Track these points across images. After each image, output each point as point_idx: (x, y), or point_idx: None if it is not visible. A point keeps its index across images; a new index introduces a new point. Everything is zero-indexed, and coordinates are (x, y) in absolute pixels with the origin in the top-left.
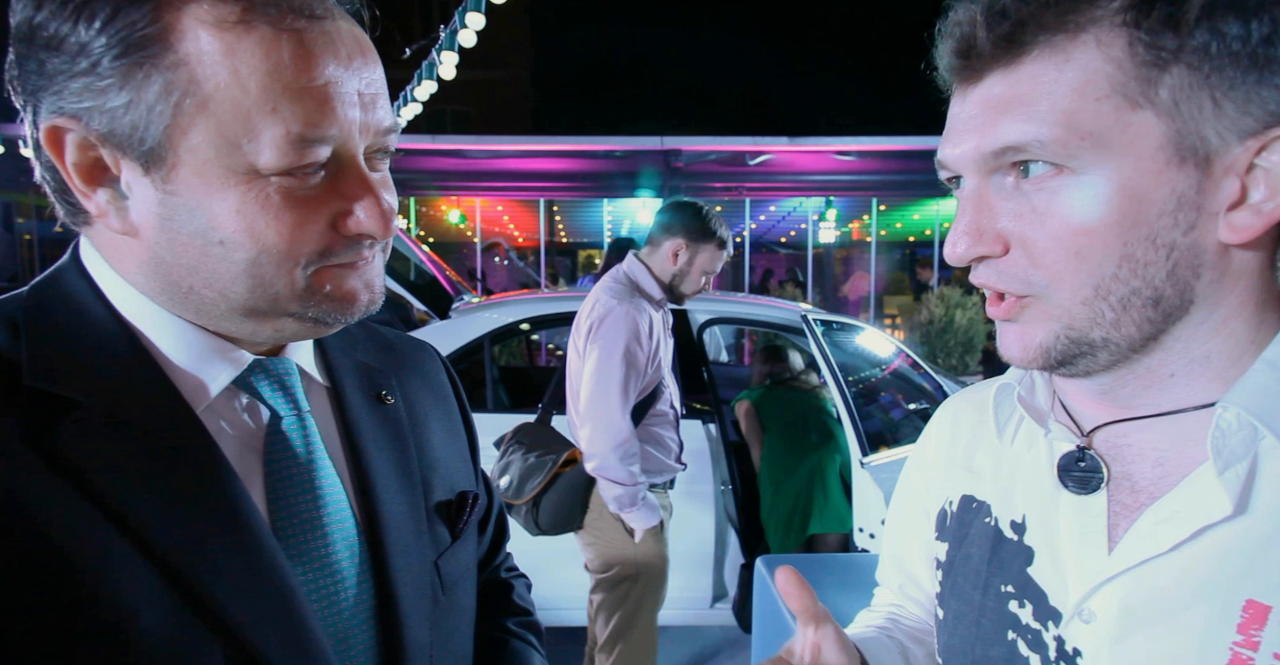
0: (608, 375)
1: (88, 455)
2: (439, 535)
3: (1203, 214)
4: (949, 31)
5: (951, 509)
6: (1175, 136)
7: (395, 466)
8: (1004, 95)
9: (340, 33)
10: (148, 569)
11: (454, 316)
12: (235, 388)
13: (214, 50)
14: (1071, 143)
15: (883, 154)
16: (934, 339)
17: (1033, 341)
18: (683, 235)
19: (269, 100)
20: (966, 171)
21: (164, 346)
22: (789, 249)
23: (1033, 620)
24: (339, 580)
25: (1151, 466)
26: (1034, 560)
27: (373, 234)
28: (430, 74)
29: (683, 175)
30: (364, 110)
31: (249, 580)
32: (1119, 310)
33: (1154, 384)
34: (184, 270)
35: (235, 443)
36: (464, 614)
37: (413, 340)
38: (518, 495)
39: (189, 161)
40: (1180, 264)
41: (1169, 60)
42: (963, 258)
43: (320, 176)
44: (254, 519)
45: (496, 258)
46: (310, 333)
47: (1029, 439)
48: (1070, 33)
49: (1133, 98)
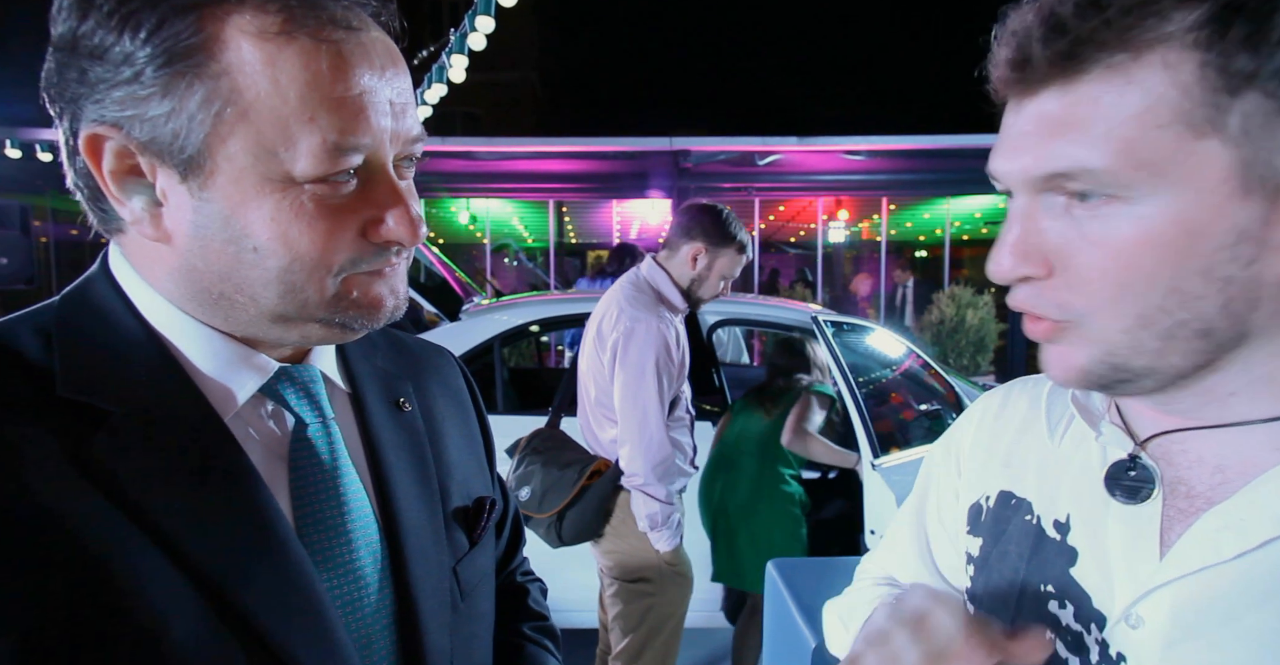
0: (644, 394)
1: (120, 465)
2: (457, 541)
3: (1266, 248)
4: (1004, 41)
5: (988, 504)
6: (1242, 167)
7: (414, 473)
8: (1059, 115)
9: (374, 43)
10: (180, 577)
11: (464, 318)
12: (261, 395)
13: (255, 60)
14: (1125, 173)
15: (892, 153)
16: (945, 339)
17: (1074, 363)
18: (702, 239)
19: (307, 109)
20: (1016, 188)
21: (192, 355)
22: (798, 249)
23: (1074, 622)
24: (362, 586)
25: (1210, 473)
26: (1078, 561)
27: (402, 241)
28: (440, 77)
29: (691, 176)
30: (395, 119)
31: (277, 587)
32: (1163, 340)
33: (1213, 401)
34: (216, 277)
35: (261, 449)
36: (482, 619)
37: (430, 345)
38: (540, 509)
39: (226, 169)
40: (1235, 298)
41: (1243, 85)
42: (1007, 277)
43: (352, 185)
44: (281, 526)
45: (506, 259)
46: (336, 337)
47: (1078, 439)
48: (1134, 52)
49: (1197, 126)
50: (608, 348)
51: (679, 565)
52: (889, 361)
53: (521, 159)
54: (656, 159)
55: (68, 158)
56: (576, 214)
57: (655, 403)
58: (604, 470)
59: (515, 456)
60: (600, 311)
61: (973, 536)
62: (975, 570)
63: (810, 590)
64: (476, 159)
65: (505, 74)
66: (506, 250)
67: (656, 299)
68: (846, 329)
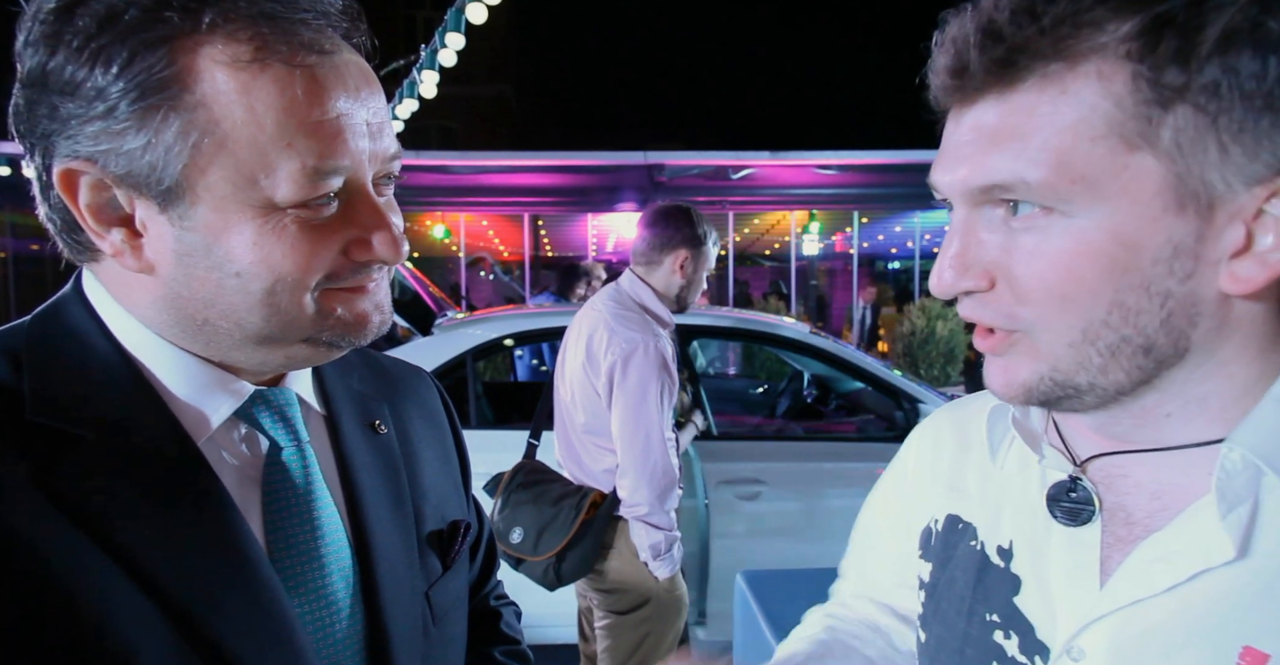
0: (646, 419)
1: (90, 491)
2: (430, 565)
3: (1201, 263)
4: (943, 48)
5: (937, 528)
6: (1175, 181)
7: (388, 497)
8: (996, 125)
9: (348, 65)
10: (149, 605)
11: (437, 333)
12: (236, 419)
13: (230, 89)
14: (1061, 186)
15: (864, 168)
16: (916, 350)
17: (1015, 379)
18: (685, 245)
19: (285, 136)
20: (955, 200)
21: (166, 379)
22: (772, 262)
23: (1019, 653)
24: (334, 611)
25: (1149, 499)
26: (1021, 589)
27: (386, 260)
28: (411, 92)
29: (666, 189)
30: (372, 139)
31: (248, 614)
32: (1107, 356)
33: (1150, 423)
34: (200, 303)
35: (235, 473)
36: (454, 644)
37: (407, 365)
38: (537, 550)
39: (206, 198)
40: (1175, 313)
41: (1174, 98)
42: (948, 291)
43: (334, 207)
44: (254, 552)
45: (482, 272)
46: (322, 357)
47: (1021, 462)
48: (1069, 62)
49: (1131, 139)
50: (603, 373)
51: (676, 590)
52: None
53: (497, 173)
54: (631, 173)
55: (40, 191)
56: (552, 227)
57: (658, 428)
58: (600, 503)
59: (499, 495)
60: (583, 332)
61: (924, 561)
62: (926, 596)
63: (778, 601)
64: (452, 173)
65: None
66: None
67: (645, 315)
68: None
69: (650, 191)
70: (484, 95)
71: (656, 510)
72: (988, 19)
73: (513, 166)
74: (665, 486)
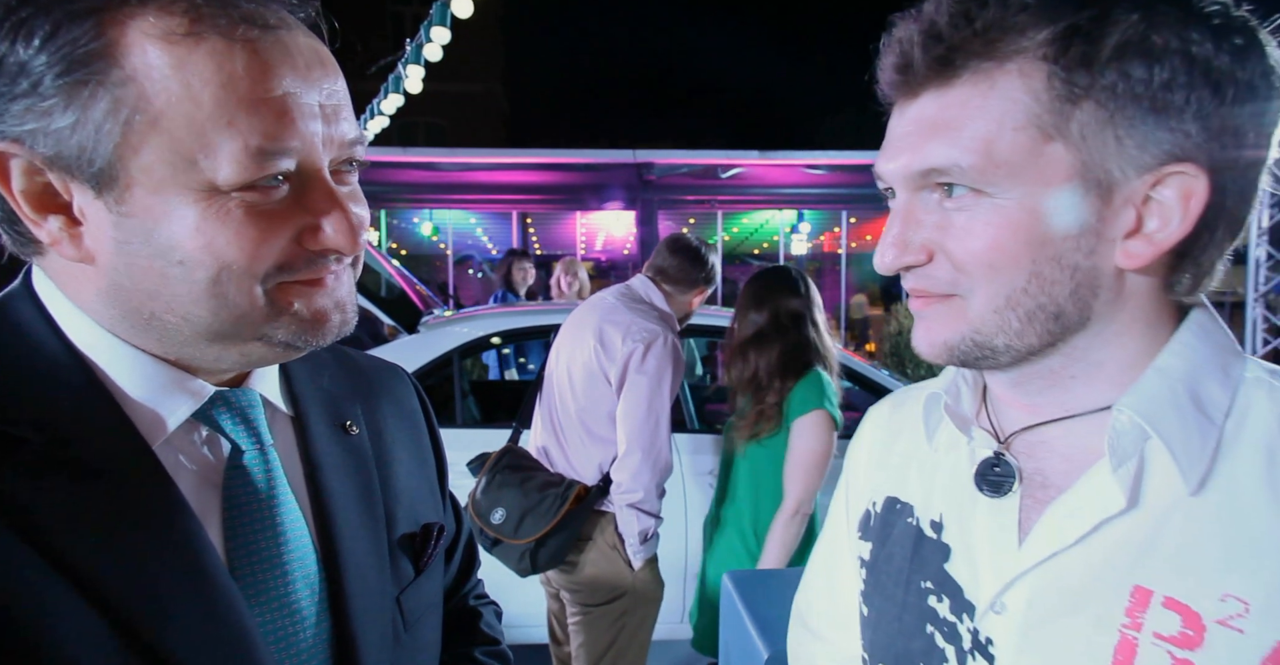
0: (659, 406)
1: (32, 496)
2: (402, 570)
3: (1102, 240)
4: (890, 47)
5: (875, 510)
6: (1082, 167)
7: (358, 500)
8: (934, 117)
9: (296, 43)
10: (94, 617)
11: (423, 331)
12: (195, 421)
13: (163, 64)
14: (989, 170)
15: (852, 168)
16: (903, 350)
17: (938, 339)
18: (705, 283)
19: (224, 114)
20: (898, 186)
21: (119, 379)
22: (761, 261)
23: (949, 614)
24: (297, 620)
25: (1061, 461)
26: (950, 557)
27: (340, 249)
28: (396, 88)
29: (655, 188)
30: (326, 122)
31: (202, 625)
32: (1024, 322)
33: (1057, 384)
34: (144, 295)
35: (193, 478)
36: (428, 650)
37: (383, 363)
38: (517, 534)
39: (143, 181)
40: (1081, 284)
41: (1081, 96)
42: (890, 267)
43: (284, 190)
44: (209, 560)
45: (469, 270)
46: (279, 357)
47: (951, 444)
48: (997, 61)
49: (1046, 130)
50: (619, 360)
51: (653, 582)
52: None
53: (485, 170)
54: (620, 171)
55: None
56: (541, 225)
57: (667, 416)
58: (584, 496)
59: (484, 473)
60: (589, 322)
61: (863, 541)
62: (867, 573)
63: (765, 602)
64: (440, 170)
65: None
66: (470, 262)
67: (660, 314)
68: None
69: (639, 190)
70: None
71: (651, 497)
72: (929, 22)
73: (501, 164)
74: (664, 474)
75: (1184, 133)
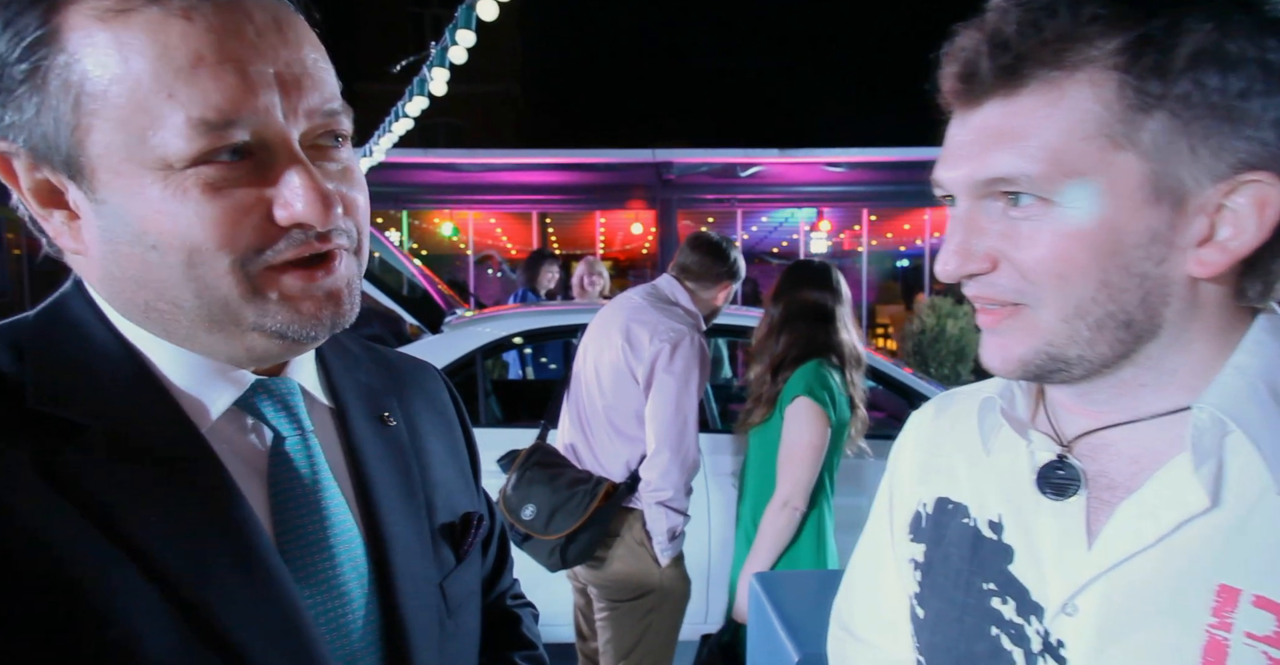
0: (687, 404)
1: (93, 479)
2: (443, 557)
3: (1174, 249)
4: (953, 55)
5: (926, 511)
6: (1154, 177)
7: (399, 488)
8: (999, 126)
9: (247, 11)
10: (154, 593)
11: (446, 330)
12: (237, 409)
13: (101, 42)
14: (1057, 179)
15: (873, 165)
16: (926, 349)
17: (1012, 354)
18: (729, 278)
19: (163, 86)
20: (959, 194)
21: (166, 369)
22: (781, 259)
23: (1015, 616)
24: (346, 602)
25: (1127, 463)
26: (1014, 558)
27: (305, 220)
28: (421, 90)
29: (674, 187)
30: (286, 92)
31: (255, 603)
32: (1094, 331)
33: (1127, 393)
34: (133, 284)
35: (239, 464)
36: (469, 638)
37: (414, 360)
38: (547, 530)
39: (103, 164)
40: (1151, 293)
41: (1153, 105)
42: (953, 275)
43: (246, 166)
44: (260, 541)
45: (489, 270)
46: (283, 350)
47: (1007, 446)
48: (1067, 70)
49: (1117, 139)
50: (646, 359)
51: (681, 579)
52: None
53: (505, 170)
54: (639, 170)
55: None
56: (560, 225)
57: (695, 415)
58: (612, 493)
59: (514, 470)
60: (617, 322)
61: (915, 543)
62: (922, 575)
63: (793, 603)
64: (460, 170)
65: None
66: (490, 261)
67: (686, 312)
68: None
69: (658, 189)
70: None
71: (680, 494)
72: (996, 30)
73: (521, 164)
74: (692, 471)
75: (1260, 141)
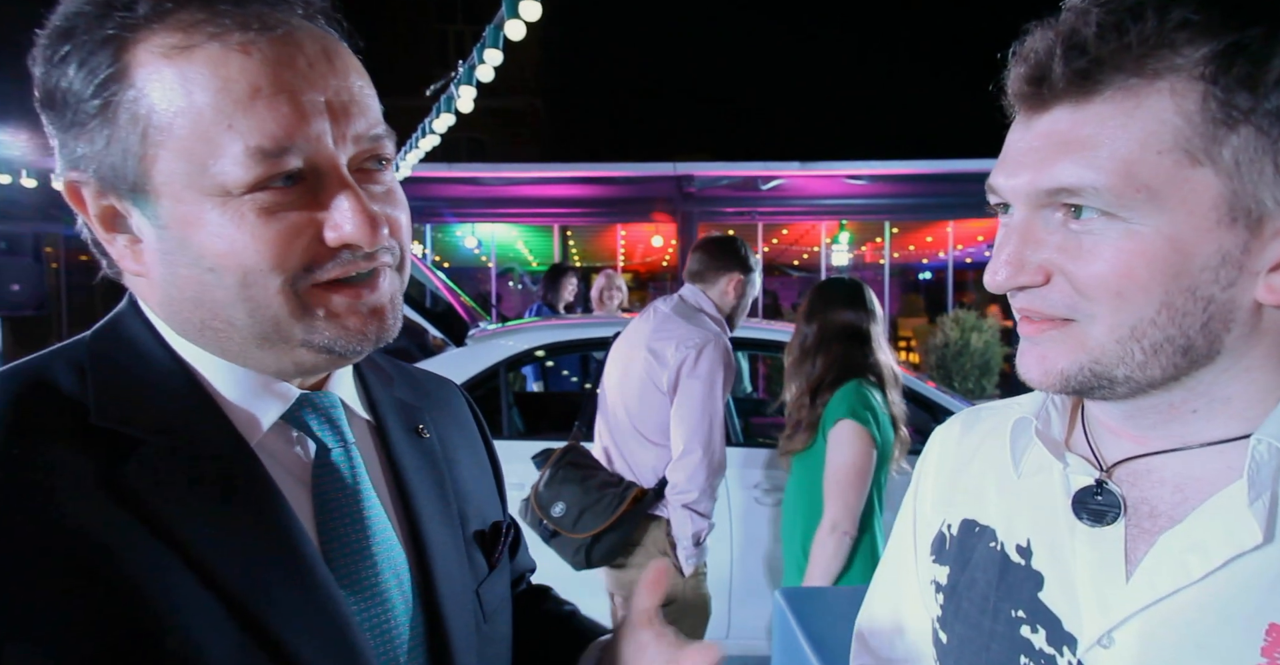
0: (714, 406)
1: (152, 490)
2: (477, 564)
3: (1244, 273)
4: (1023, 56)
5: (951, 532)
6: (1231, 197)
7: (436, 498)
8: (1068, 133)
9: (299, 43)
10: (211, 601)
11: (470, 343)
12: (284, 422)
13: (166, 77)
14: (1126, 194)
15: (894, 178)
16: (950, 362)
17: (1054, 367)
18: (738, 269)
19: (223, 117)
20: (1017, 202)
21: (218, 384)
22: (802, 272)
23: (1046, 645)
24: (389, 608)
25: (1171, 492)
26: (1044, 585)
27: (356, 241)
28: (449, 107)
29: (695, 200)
30: (335, 119)
31: (306, 611)
32: (1149, 354)
33: (1176, 418)
34: (190, 304)
35: (285, 475)
36: (503, 642)
37: (436, 377)
38: (575, 528)
39: (166, 191)
40: (1215, 318)
41: (1239, 120)
42: (1003, 286)
43: (298, 190)
44: (307, 550)
45: (511, 282)
46: (326, 363)
47: (1038, 467)
48: (1147, 78)
49: (1194, 154)
50: (671, 365)
51: (701, 590)
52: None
53: (526, 184)
54: (660, 184)
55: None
56: (581, 238)
57: (721, 417)
58: (641, 498)
59: (547, 467)
60: (642, 333)
61: (939, 565)
62: (945, 598)
63: (819, 620)
64: (482, 184)
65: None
66: (511, 274)
67: (710, 318)
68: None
69: (679, 202)
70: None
71: (705, 497)
72: (1072, 32)
73: (542, 178)
74: (719, 473)
75: None
